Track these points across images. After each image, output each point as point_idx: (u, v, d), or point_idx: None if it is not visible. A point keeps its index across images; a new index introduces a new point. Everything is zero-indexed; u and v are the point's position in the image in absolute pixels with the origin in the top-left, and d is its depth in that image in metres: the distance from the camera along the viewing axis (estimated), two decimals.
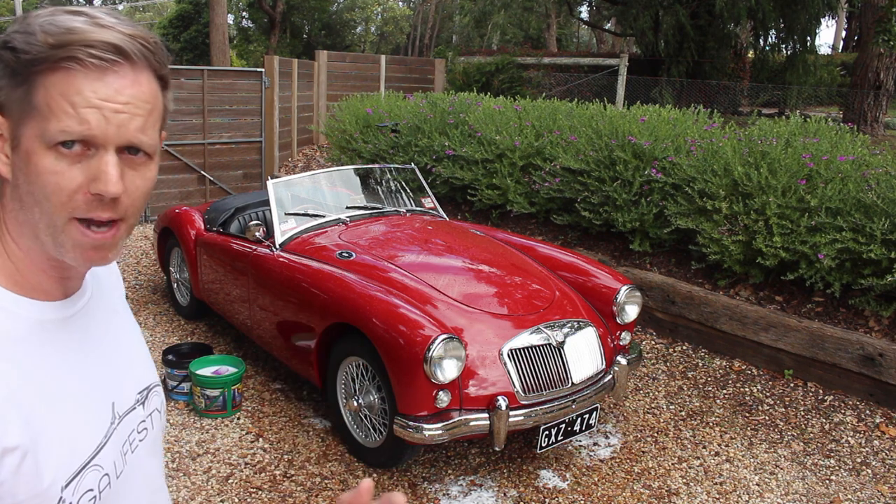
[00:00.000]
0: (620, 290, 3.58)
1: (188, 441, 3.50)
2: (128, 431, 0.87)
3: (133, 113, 0.73)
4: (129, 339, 0.95)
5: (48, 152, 0.71)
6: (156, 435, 0.95)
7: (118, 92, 0.72)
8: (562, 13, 20.96)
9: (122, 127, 0.72)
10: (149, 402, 0.93)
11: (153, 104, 0.76)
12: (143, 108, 0.74)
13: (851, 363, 3.99)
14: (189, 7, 23.74)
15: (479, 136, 6.31)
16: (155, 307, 5.34)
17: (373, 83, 12.20)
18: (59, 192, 0.72)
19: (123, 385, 0.89)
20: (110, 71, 0.72)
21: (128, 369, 0.92)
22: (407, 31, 35.50)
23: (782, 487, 3.27)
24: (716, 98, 11.80)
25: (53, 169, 0.71)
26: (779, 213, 4.36)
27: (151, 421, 0.93)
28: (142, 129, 0.74)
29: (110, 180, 0.72)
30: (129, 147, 0.74)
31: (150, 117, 0.76)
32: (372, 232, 4.03)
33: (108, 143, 0.72)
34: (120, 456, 0.84)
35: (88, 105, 0.71)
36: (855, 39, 19.36)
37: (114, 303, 0.96)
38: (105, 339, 0.88)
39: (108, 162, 0.72)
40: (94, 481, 0.79)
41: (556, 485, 3.23)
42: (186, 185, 8.28)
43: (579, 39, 34.43)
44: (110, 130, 0.72)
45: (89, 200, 0.73)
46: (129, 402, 0.89)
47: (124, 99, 0.72)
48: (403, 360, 2.89)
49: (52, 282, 0.80)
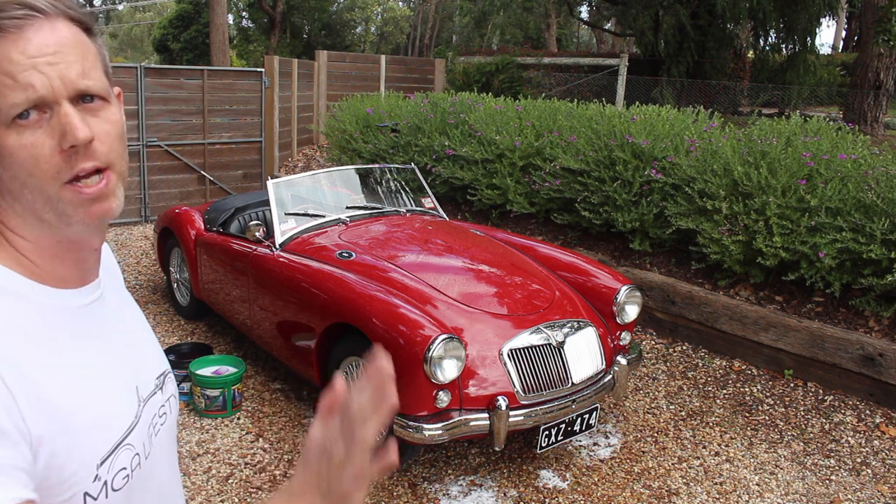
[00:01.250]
0: (620, 290, 3.58)
1: (188, 441, 3.50)
2: (151, 415, 0.89)
3: (67, 61, 0.73)
4: (142, 327, 0.97)
5: (9, 131, 0.71)
6: (174, 420, 0.97)
7: (44, 45, 0.72)
8: (562, 13, 20.96)
9: (64, 77, 0.72)
10: (166, 388, 0.95)
11: (83, 48, 0.75)
12: (73, 54, 0.74)
13: (851, 363, 3.99)
14: (189, 7, 23.75)
15: (480, 136, 6.31)
16: (155, 307, 5.34)
17: (373, 83, 12.20)
18: (37, 163, 0.72)
19: (143, 370, 0.91)
20: (27, 27, 0.72)
21: (147, 355, 0.94)
22: (407, 31, 35.50)
23: (782, 487, 3.27)
24: (716, 98, 11.80)
25: (21, 143, 0.71)
26: (779, 213, 4.36)
27: (169, 406, 0.96)
28: (83, 73, 0.74)
29: (76, 128, 0.72)
30: (81, 96, 0.74)
31: (86, 61, 0.75)
32: (372, 232, 4.03)
33: (58, 97, 0.72)
34: (148, 438, 0.86)
35: (24, 69, 0.70)
36: (855, 39, 19.37)
37: (121, 291, 0.98)
38: (122, 326, 0.90)
39: (66, 114, 0.72)
40: (127, 460, 0.80)
41: (556, 485, 3.23)
42: (186, 185, 8.27)
43: (579, 39, 34.43)
44: (55, 84, 0.71)
45: (67, 158, 0.73)
46: (150, 387, 0.91)
47: (52, 49, 0.72)
48: (403, 359, 2.89)
49: (69, 267, 0.81)
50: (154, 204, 7.92)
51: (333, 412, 0.72)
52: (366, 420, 0.71)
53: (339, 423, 0.72)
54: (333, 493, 0.71)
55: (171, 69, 8.41)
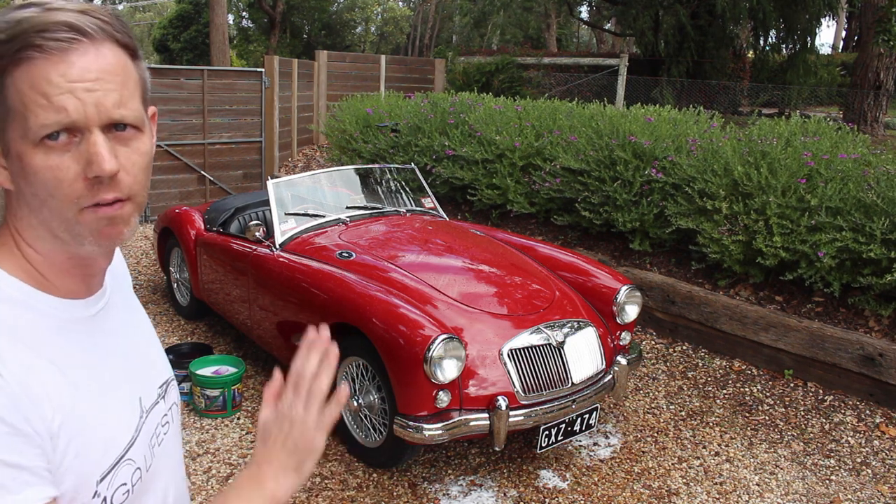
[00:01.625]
0: (620, 290, 3.58)
1: (188, 441, 3.50)
2: (154, 425, 0.89)
3: (106, 88, 0.72)
4: (147, 333, 0.97)
5: (36, 150, 0.71)
6: (177, 428, 0.97)
7: (85, 70, 0.71)
8: (562, 13, 20.96)
9: (100, 105, 0.71)
10: (168, 396, 0.95)
11: (124, 75, 0.74)
12: (114, 82, 0.73)
13: (851, 363, 3.99)
14: (189, 7, 23.75)
15: (480, 136, 6.31)
16: (155, 307, 5.34)
17: (373, 83, 12.20)
18: (59, 185, 0.72)
19: (147, 380, 0.91)
20: (71, 51, 0.71)
21: (151, 364, 0.94)
22: (407, 31, 35.50)
23: (782, 487, 3.27)
24: (716, 98, 11.80)
25: (46, 164, 0.71)
26: (779, 212, 4.36)
27: (172, 414, 0.95)
28: (120, 102, 0.73)
29: (103, 159, 0.71)
30: (114, 124, 0.73)
31: (125, 89, 0.74)
32: (372, 232, 4.03)
33: (90, 124, 0.71)
34: (149, 449, 0.86)
35: (60, 91, 0.70)
36: (855, 39, 19.37)
37: (129, 298, 0.98)
38: (126, 335, 0.90)
39: (95, 143, 0.71)
40: (128, 475, 0.80)
41: (556, 485, 3.23)
42: (186, 185, 8.28)
43: (579, 39, 34.43)
44: (89, 111, 0.71)
45: (90, 186, 0.72)
46: (153, 397, 0.90)
47: (93, 76, 0.71)
48: (403, 360, 2.89)
49: (77, 281, 0.81)
50: (154, 204, 7.92)
51: (279, 396, 0.87)
52: (318, 376, 0.86)
53: (292, 392, 0.86)
54: (299, 447, 0.85)
55: (171, 69, 8.41)
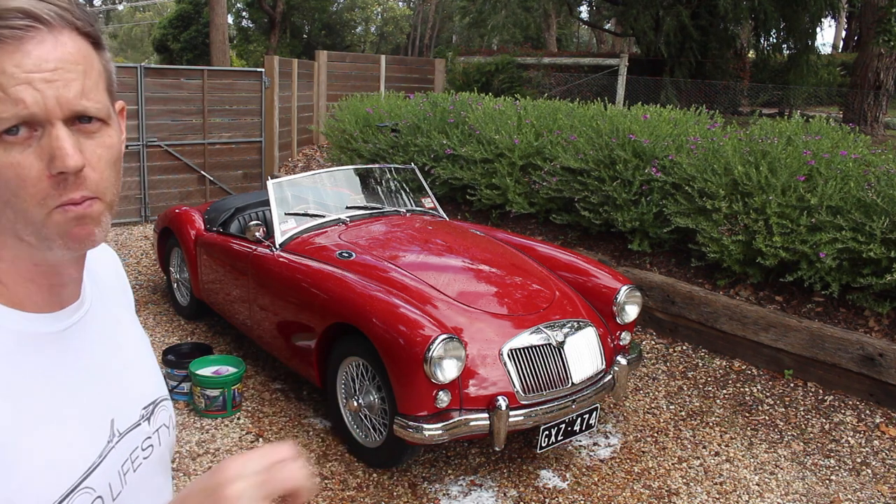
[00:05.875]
0: (620, 290, 3.58)
1: (188, 441, 3.50)
2: (130, 449, 0.82)
3: (66, 79, 0.67)
4: (135, 351, 0.90)
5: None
6: (163, 452, 0.89)
7: (42, 59, 0.66)
8: (562, 13, 20.95)
9: (60, 96, 0.66)
10: (155, 418, 0.88)
11: (86, 65, 0.70)
12: (75, 71, 0.68)
13: (851, 363, 3.99)
14: (189, 7, 23.76)
15: (479, 136, 6.31)
16: (155, 307, 5.35)
17: (373, 83, 12.20)
18: (23, 184, 0.67)
19: (125, 400, 0.84)
20: (27, 39, 0.66)
21: (131, 384, 0.86)
22: (407, 31, 35.50)
23: (782, 487, 3.27)
24: (716, 98, 11.80)
25: (7, 162, 0.66)
26: (779, 212, 4.36)
27: (158, 437, 0.88)
28: (82, 93, 0.68)
29: (66, 154, 0.66)
30: (78, 116, 0.68)
31: (88, 79, 0.69)
32: (372, 232, 4.03)
33: (51, 117, 0.66)
34: (118, 476, 0.79)
35: (17, 82, 0.65)
36: (855, 39, 19.37)
37: (117, 313, 0.91)
38: (105, 353, 0.83)
39: (58, 137, 0.67)
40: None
41: (556, 485, 3.23)
42: (186, 185, 8.28)
43: (579, 39, 34.42)
44: (49, 103, 0.66)
45: (55, 184, 0.67)
46: (133, 419, 0.84)
47: (52, 66, 0.66)
48: (403, 360, 2.89)
49: (43, 292, 0.75)
50: (154, 204, 7.92)
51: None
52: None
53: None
54: None
55: (171, 69, 8.41)
